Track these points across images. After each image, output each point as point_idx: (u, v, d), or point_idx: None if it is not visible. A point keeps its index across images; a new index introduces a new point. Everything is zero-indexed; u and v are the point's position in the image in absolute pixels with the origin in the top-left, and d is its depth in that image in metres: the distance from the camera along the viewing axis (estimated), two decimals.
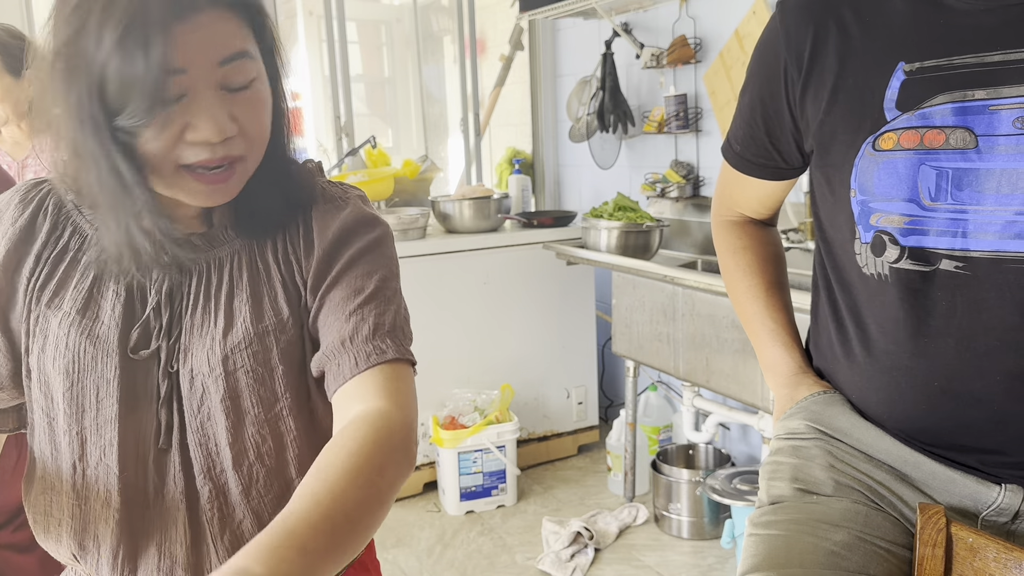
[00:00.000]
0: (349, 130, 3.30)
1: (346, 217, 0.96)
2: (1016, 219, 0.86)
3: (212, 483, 0.90)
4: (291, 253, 0.95)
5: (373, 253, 0.95)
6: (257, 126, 0.87)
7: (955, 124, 0.88)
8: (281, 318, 0.92)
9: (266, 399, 0.91)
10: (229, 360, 0.89)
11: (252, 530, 0.91)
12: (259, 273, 0.94)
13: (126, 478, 0.89)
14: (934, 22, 0.92)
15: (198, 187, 0.85)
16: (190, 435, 0.90)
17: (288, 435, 0.92)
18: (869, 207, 0.95)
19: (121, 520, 0.90)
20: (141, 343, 0.90)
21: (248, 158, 0.87)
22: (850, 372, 1.04)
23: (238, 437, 0.90)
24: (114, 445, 0.89)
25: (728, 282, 1.25)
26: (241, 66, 0.83)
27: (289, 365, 0.92)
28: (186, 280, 0.93)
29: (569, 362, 3.23)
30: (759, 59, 1.08)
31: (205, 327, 0.91)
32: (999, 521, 0.96)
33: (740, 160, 1.15)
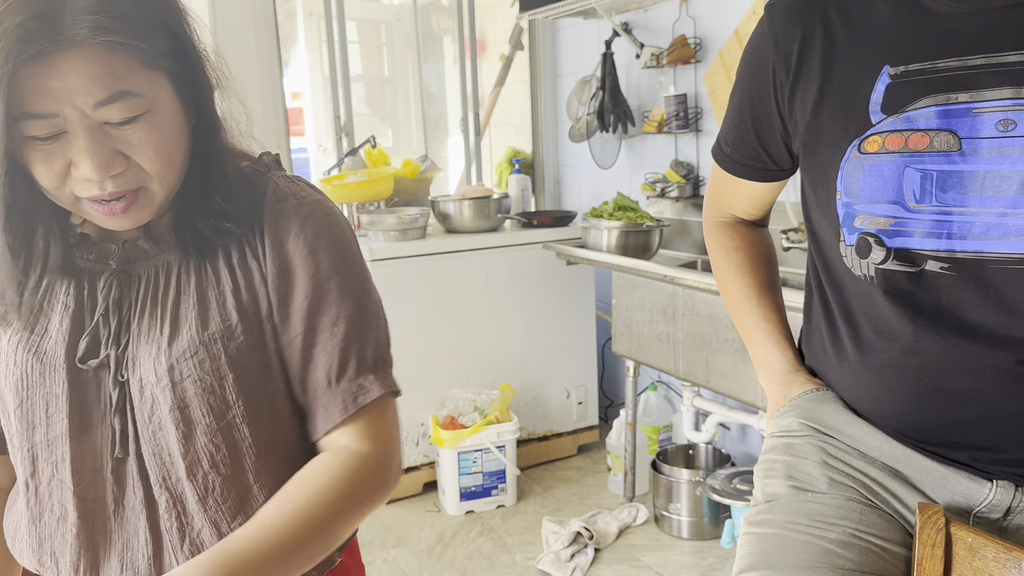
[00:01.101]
0: (349, 130, 3.30)
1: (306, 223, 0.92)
2: (999, 220, 0.87)
3: (169, 492, 0.89)
4: (251, 259, 0.91)
5: (344, 266, 0.93)
6: (153, 158, 0.82)
7: (939, 127, 0.89)
8: (229, 324, 0.89)
9: (216, 408, 0.88)
10: (175, 370, 0.87)
11: (211, 539, 0.89)
12: (207, 277, 0.91)
13: (83, 491, 0.88)
14: (918, 26, 0.92)
15: (101, 216, 0.84)
16: (144, 444, 0.89)
17: (243, 443, 0.90)
18: (854, 209, 0.96)
19: (79, 534, 0.89)
20: (90, 352, 0.89)
21: (151, 187, 0.84)
22: (841, 371, 1.05)
23: (190, 447, 0.88)
24: (66, 460, 0.88)
25: (720, 283, 1.26)
26: (120, 107, 0.78)
27: (241, 372, 0.89)
28: (134, 286, 0.90)
29: (569, 362, 3.23)
30: (748, 62, 1.09)
31: (151, 334, 0.88)
32: (991, 517, 0.96)
33: (730, 162, 1.16)
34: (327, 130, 3.60)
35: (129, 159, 0.81)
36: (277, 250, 0.91)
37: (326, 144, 3.90)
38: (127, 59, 0.77)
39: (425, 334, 2.92)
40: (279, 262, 0.90)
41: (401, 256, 2.85)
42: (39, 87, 0.75)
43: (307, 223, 0.92)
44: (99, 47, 0.75)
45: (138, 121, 0.80)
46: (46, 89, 0.75)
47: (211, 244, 0.90)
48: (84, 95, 0.76)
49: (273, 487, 0.90)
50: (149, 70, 0.80)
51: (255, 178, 0.95)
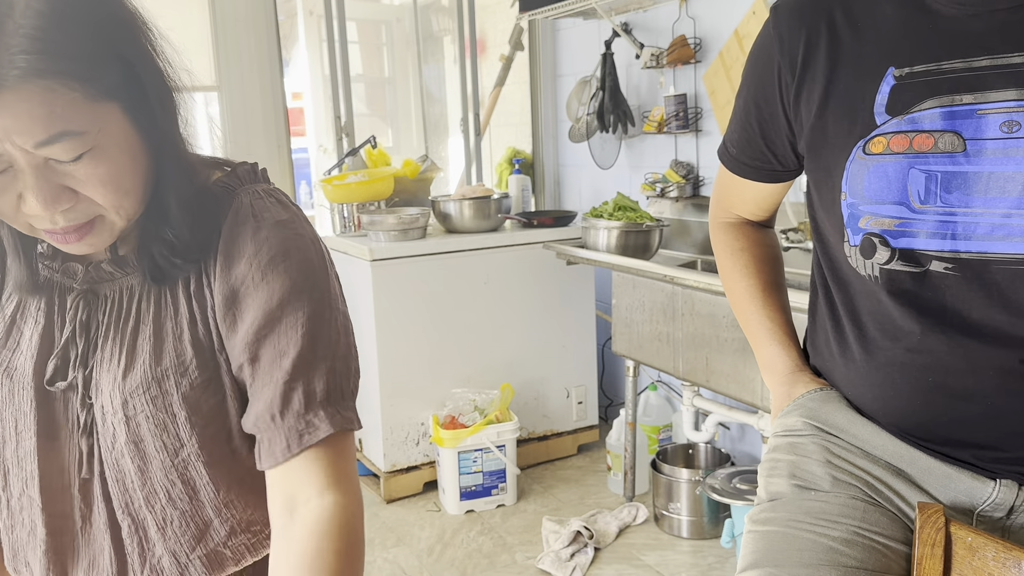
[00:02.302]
0: (349, 130, 3.30)
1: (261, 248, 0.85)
2: (1004, 221, 0.88)
3: (131, 517, 0.88)
4: (205, 287, 0.87)
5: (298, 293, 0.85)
6: (103, 193, 0.77)
7: (944, 128, 0.90)
8: (183, 360, 0.85)
9: (170, 445, 0.86)
10: (128, 404, 0.85)
11: (171, 568, 0.88)
12: (166, 308, 0.87)
13: (51, 509, 0.88)
14: (923, 28, 0.93)
15: (59, 244, 0.81)
16: (107, 469, 0.87)
17: (199, 479, 0.87)
18: (859, 210, 0.96)
19: (48, 550, 0.88)
20: (58, 375, 0.87)
21: (107, 216, 0.80)
22: (846, 370, 1.05)
23: (146, 480, 0.87)
24: (35, 478, 0.87)
25: (726, 283, 1.26)
26: (61, 147, 0.72)
27: (194, 410, 0.85)
28: (101, 307, 0.88)
29: (569, 362, 3.23)
30: (753, 63, 1.09)
31: (111, 363, 0.86)
32: (994, 516, 0.97)
33: (736, 163, 1.16)
34: (327, 130, 3.60)
35: (78, 194, 0.77)
36: (225, 277, 0.85)
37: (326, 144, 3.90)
38: (67, 96, 0.71)
39: (425, 334, 2.92)
40: (225, 290, 0.85)
41: (401, 256, 2.85)
42: None
43: (262, 248, 0.85)
44: (35, 84, 0.69)
45: (83, 158, 0.75)
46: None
47: (167, 274, 0.86)
48: (23, 135, 0.71)
49: (237, 520, 0.89)
50: (96, 104, 0.74)
51: (223, 196, 0.89)
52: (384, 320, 2.84)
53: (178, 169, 0.84)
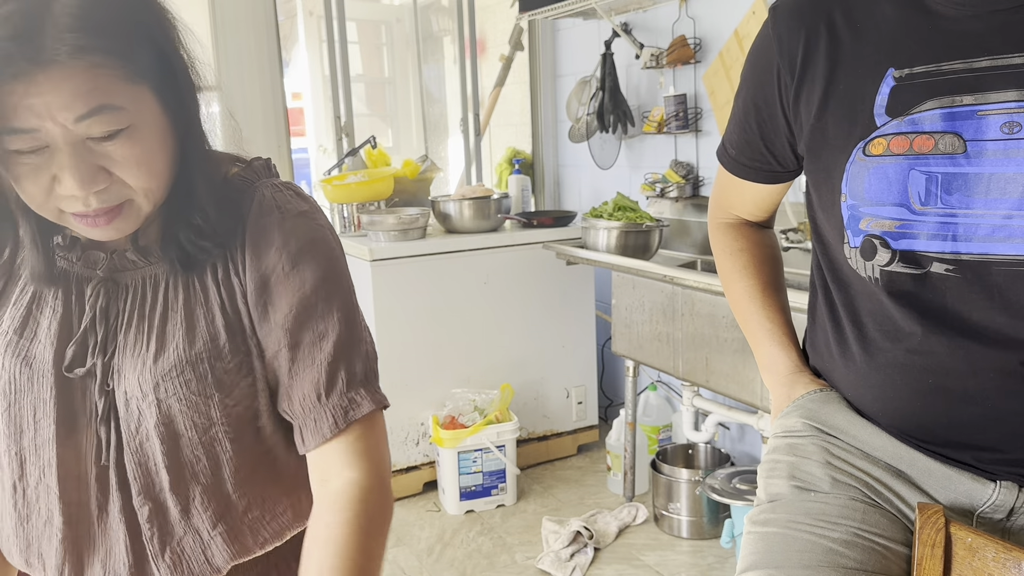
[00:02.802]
0: (349, 130, 3.30)
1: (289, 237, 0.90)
2: (1004, 223, 0.87)
3: (151, 502, 0.89)
4: (232, 275, 0.90)
5: (328, 280, 0.91)
6: (136, 174, 0.81)
7: (944, 129, 0.89)
8: (217, 344, 0.89)
9: (200, 424, 0.89)
10: (160, 387, 0.87)
11: (193, 547, 0.90)
12: (195, 295, 0.90)
13: (67, 497, 0.89)
14: (923, 28, 0.93)
15: (86, 228, 0.84)
16: (127, 454, 0.89)
17: (224, 455, 0.90)
18: (859, 212, 0.96)
19: (64, 538, 0.89)
20: (77, 361, 0.88)
21: (136, 199, 0.83)
22: (846, 371, 1.05)
23: (175, 459, 0.89)
24: (53, 465, 0.88)
25: (725, 284, 1.26)
26: (101, 120, 0.77)
27: (226, 392, 0.89)
28: (122, 295, 0.90)
29: (569, 362, 3.23)
30: (753, 64, 1.08)
31: (137, 348, 0.88)
32: (994, 518, 0.97)
33: (735, 164, 1.16)
34: (327, 130, 3.60)
35: (112, 174, 0.80)
36: (256, 265, 0.89)
37: (326, 144, 3.90)
38: (108, 75, 0.76)
39: (425, 334, 2.92)
40: (257, 278, 0.89)
41: (401, 256, 2.85)
42: (19, 104, 0.74)
43: (290, 238, 0.90)
44: (80, 62, 0.74)
45: (120, 136, 0.79)
46: (26, 106, 0.74)
47: (196, 259, 0.89)
48: (65, 111, 0.75)
49: (253, 499, 0.92)
50: (132, 84, 0.78)
51: (244, 188, 0.93)
52: (384, 320, 2.84)
53: (202, 158, 0.89)
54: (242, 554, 0.93)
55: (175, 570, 0.90)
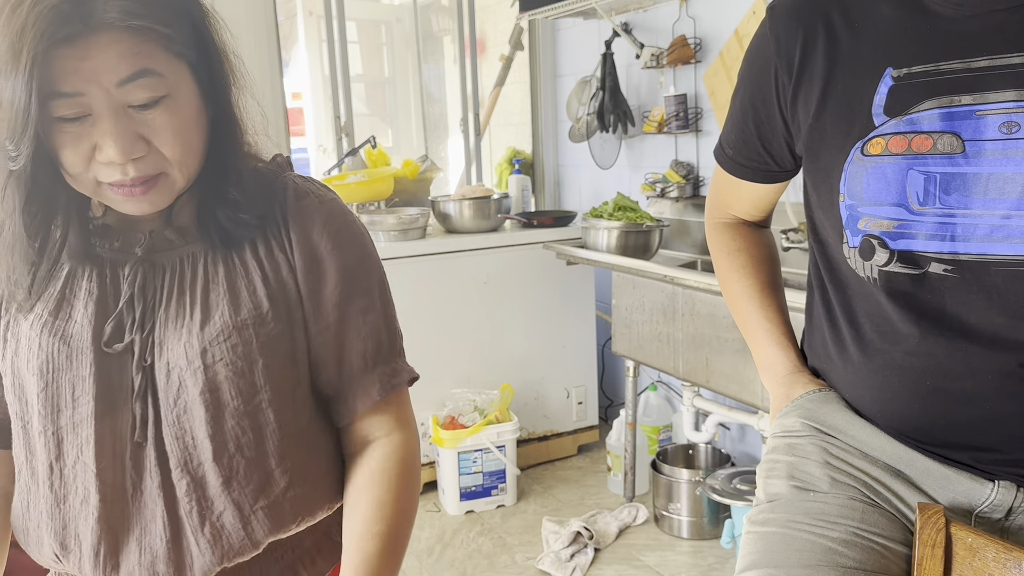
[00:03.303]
0: (349, 130, 3.30)
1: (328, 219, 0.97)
2: (1003, 223, 0.87)
3: (189, 476, 0.91)
4: (278, 251, 0.95)
5: (366, 259, 1.00)
6: (172, 144, 0.85)
7: (942, 129, 0.89)
8: (260, 311, 0.92)
9: (245, 391, 0.92)
10: (208, 353, 0.90)
11: (233, 522, 0.91)
12: (235, 268, 0.94)
13: (104, 475, 0.90)
14: (921, 28, 0.92)
15: (120, 200, 0.87)
16: (166, 428, 0.90)
17: (267, 427, 0.93)
18: (857, 212, 0.96)
19: (100, 517, 0.90)
20: (114, 337, 0.90)
21: (171, 172, 0.87)
22: (844, 371, 1.05)
23: (218, 430, 0.91)
24: (91, 443, 0.89)
25: (723, 284, 1.26)
26: (143, 84, 0.82)
27: (270, 358, 0.93)
28: (159, 274, 0.93)
29: (569, 362, 3.23)
30: (750, 63, 1.08)
31: (180, 320, 0.91)
32: (993, 517, 0.96)
33: (732, 163, 1.16)
34: (327, 130, 3.60)
35: (150, 144, 0.84)
36: (304, 243, 0.95)
37: (326, 144, 3.90)
38: (152, 42, 0.82)
39: (425, 334, 2.92)
40: (307, 254, 0.95)
41: (401, 256, 2.85)
42: (68, 67, 0.79)
43: (329, 220, 0.97)
44: (126, 30, 0.80)
45: (160, 104, 0.83)
46: (75, 69, 0.79)
47: (234, 236, 0.93)
48: (110, 73, 0.80)
49: (293, 471, 0.95)
50: (172, 56, 0.84)
51: (270, 176, 0.99)
52: None
53: (236, 143, 0.94)
54: (280, 528, 0.94)
55: (214, 544, 0.91)
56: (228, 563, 0.92)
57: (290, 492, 0.95)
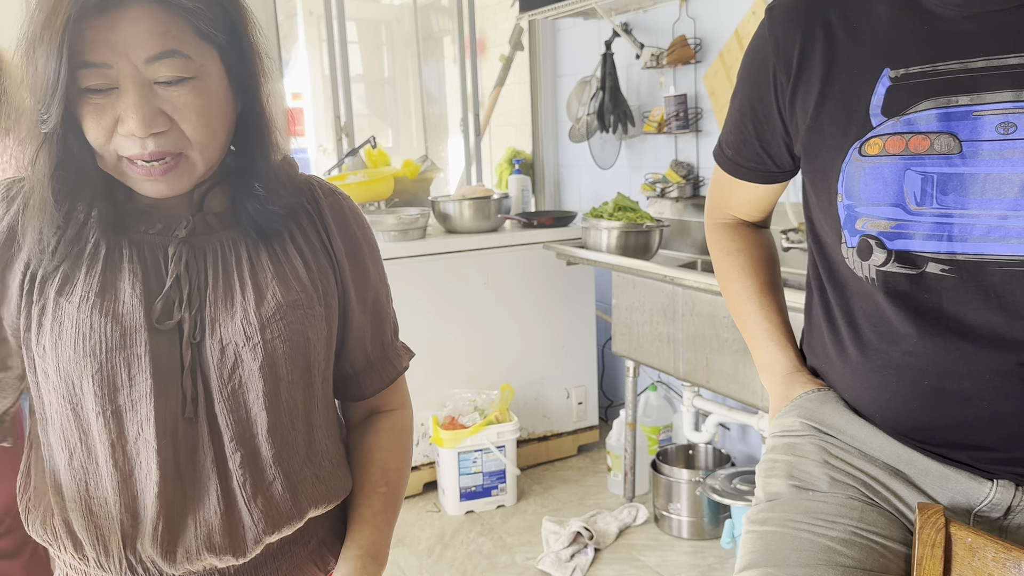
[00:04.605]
0: (349, 130, 3.30)
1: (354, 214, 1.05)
2: (1000, 223, 0.87)
3: (243, 448, 0.94)
4: (316, 240, 1.01)
5: (376, 249, 1.08)
6: (195, 124, 0.87)
7: (939, 130, 0.89)
8: (308, 293, 0.97)
9: (300, 365, 0.97)
10: (267, 329, 0.93)
11: (283, 492, 0.96)
12: (276, 254, 0.98)
13: (163, 451, 0.91)
14: (918, 29, 0.93)
15: (139, 178, 0.88)
16: (218, 404, 0.93)
17: (314, 401, 1.00)
18: (855, 212, 0.96)
19: (160, 493, 0.91)
20: (165, 315, 0.92)
21: (191, 155, 0.88)
22: (843, 371, 1.05)
23: (275, 402, 0.95)
24: (151, 419, 0.90)
25: (723, 284, 1.26)
26: (170, 64, 0.84)
27: (316, 336, 0.98)
28: (201, 256, 0.95)
29: (569, 362, 3.23)
30: (749, 64, 1.09)
31: (231, 300, 0.94)
32: (992, 516, 0.97)
33: (731, 164, 1.16)
34: (327, 130, 3.60)
35: (172, 121, 0.86)
36: (344, 235, 1.03)
37: (326, 144, 3.90)
38: (182, 23, 0.84)
39: (425, 334, 2.92)
40: (348, 245, 1.03)
41: (401, 256, 2.85)
42: (98, 38, 0.81)
43: (357, 215, 1.06)
44: (159, 7, 0.82)
45: (185, 84, 0.85)
46: (105, 40, 0.81)
47: (267, 228, 0.96)
48: (139, 48, 0.82)
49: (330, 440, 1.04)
50: (201, 39, 0.86)
51: (291, 171, 1.03)
52: None
53: (265, 136, 0.96)
54: (324, 500, 1.01)
55: (266, 514, 0.95)
56: (277, 533, 0.96)
57: (326, 462, 1.02)
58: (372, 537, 1.03)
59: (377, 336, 1.10)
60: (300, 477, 0.98)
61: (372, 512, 1.05)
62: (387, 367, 1.12)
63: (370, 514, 1.05)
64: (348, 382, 1.10)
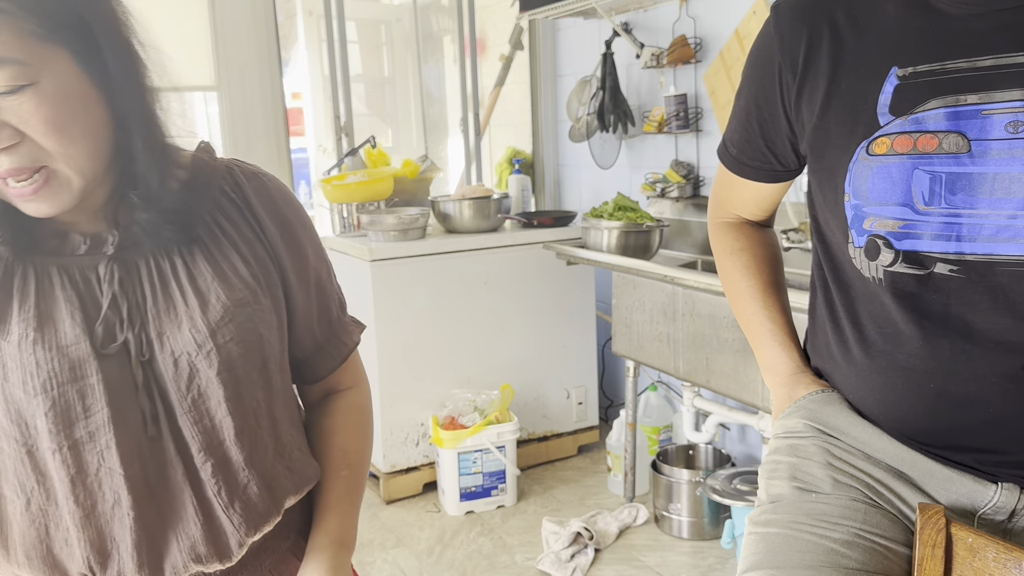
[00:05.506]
0: (349, 130, 3.30)
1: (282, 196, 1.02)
2: (1009, 223, 0.87)
3: (213, 457, 0.92)
4: (247, 230, 0.98)
5: (311, 227, 1.06)
6: (44, 132, 0.80)
7: (948, 129, 0.89)
8: (251, 288, 0.95)
9: (257, 363, 0.95)
10: (218, 333, 0.91)
11: (259, 492, 0.95)
12: (212, 253, 0.94)
13: (131, 474, 0.89)
14: (926, 27, 0.92)
15: (18, 201, 0.84)
16: (181, 417, 0.91)
17: (276, 395, 0.99)
18: (863, 211, 0.95)
19: (136, 517, 0.90)
20: (107, 338, 0.89)
21: (58, 168, 0.83)
22: (847, 372, 1.05)
23: (238, 405, 0.93)
24: (112, 447, 0.88)
25: (726, 283, 1.26)
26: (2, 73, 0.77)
27: (268, 330, 0.97)
28: (134, 270, 0.91)
29: (569, 362, 3.23)
30: (754, 63, 1.08)
31: (176, 310, 0.91)
32: (996, 519, 0.96)
33: (736, 163, 1.16)
34: (327, 130, 3.60)
35: (23, 134, 0.80)
36: (274, 218, 1.00)
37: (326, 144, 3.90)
38: (16, 28, 0.78)
39: (425, 334, 2.92)
40: (280, 227, 1.00)
41: (401, 256, 2.85)
42: None
43: (285, 195, 1.03)
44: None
45: (25, 92, 0.79)
46: None
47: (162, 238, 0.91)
48: None
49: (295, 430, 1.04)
50: (41, 42, 0.79)
51: (210, 164, 0.99)
52: (384, 320, 2.84)
53: (147, 141, 0.89)
54: (299, 488, 1.01)
55: (246, 517, 0.94)
56: (259, 532, 0.96)
57: (296, 454, 1.02)
58: (339, 523, 1.03)
59: (323, 316, 1.08)
60: (273, 473, 0.97)
61: (336, 498, 1.05)
62: (337, 345, 1.10)
63: (335, 500, 1.05)
64: (300, 366, 1.09)
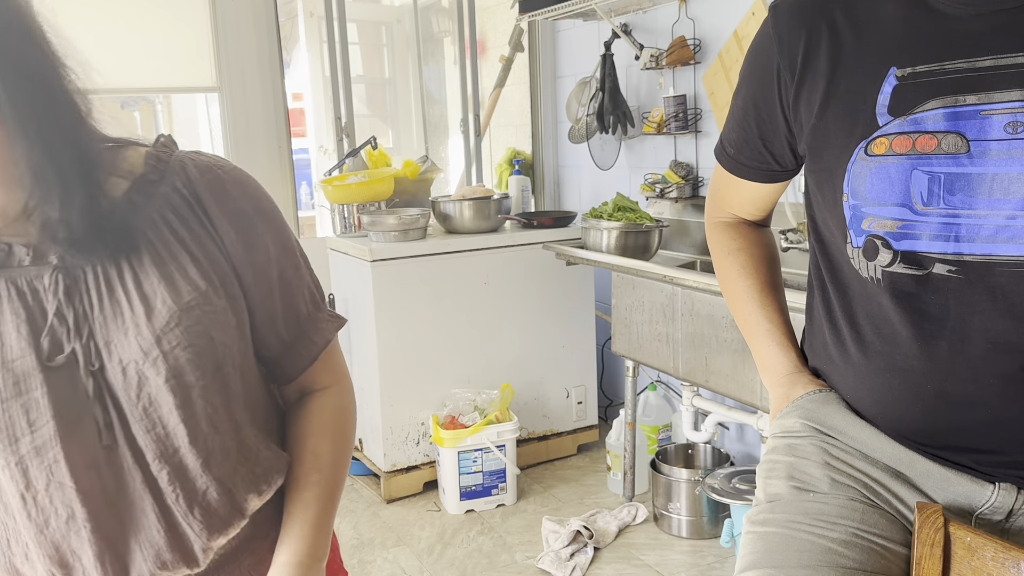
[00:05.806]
0: (350, 131, 3.30)
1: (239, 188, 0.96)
2: (1008, 223, 0.87)
3: (168, 464, 0.90)
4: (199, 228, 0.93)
5: (281, 218, 1.01)
6: None
7: (947, 129, 0.89)
8: (201, 290, 0.91)
9: (209, 370, 0.91)
10: (163, 341, 0.88)
11: (219, 497, 0.93)
12: (160, 255, 0.90)
13: (84, 487, 0.88)
14: (925, 28, 0.92)
15: None
16: (134, 425, 0.89)
17: (234, 400, 0.95)
18: (861, 212, 0.95)
19: (94, 529, 0.89)
20: (54, 350, 0.87)
21: None
22: (844, 373, 1.05)
23: (190, 413, 0.90)
24: (60, 461, 0.87)
25: (723, 283, 1.26)
26: None
27: (223, 332, 0.93)
28: (82, 278, 0.89)
29: (569, 362, 3.23)
30: (752, 62, 1.08)
31: (120, 317, 0.88)
32: (993, 519, 0.96)
33: (733, 163, 1.16)
34: (328, 131, 3.60)
35: None
36: (228, 213, 0.94)
37: (327, 145, 3.91)
38: None
39: (425, 334, 2.92)
40: (234, 223, 0.95)
41: (401, 256, 2.86)
42: None
43: (243, 187, 0.97)
44: None
45: None
46: None
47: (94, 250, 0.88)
48: None
49: (259, 434, 0.99)
50: None
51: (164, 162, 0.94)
52: (384, 320, 2.85)
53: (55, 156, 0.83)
54: (262, 491, 0.98)
55: (207, 523, 0.92)
56: (223, 536, 0.94)
57: (263, 453, 0.99)
58: (302, 535, 0.99)
59: (290, 313, 1.01)
60: (236, 478, 0.95)
61: (304, 506, 1.01)
62: (307, 344, 1.04)
63: (301, 510, 1.01)
64: (270, 366, 1.05)
